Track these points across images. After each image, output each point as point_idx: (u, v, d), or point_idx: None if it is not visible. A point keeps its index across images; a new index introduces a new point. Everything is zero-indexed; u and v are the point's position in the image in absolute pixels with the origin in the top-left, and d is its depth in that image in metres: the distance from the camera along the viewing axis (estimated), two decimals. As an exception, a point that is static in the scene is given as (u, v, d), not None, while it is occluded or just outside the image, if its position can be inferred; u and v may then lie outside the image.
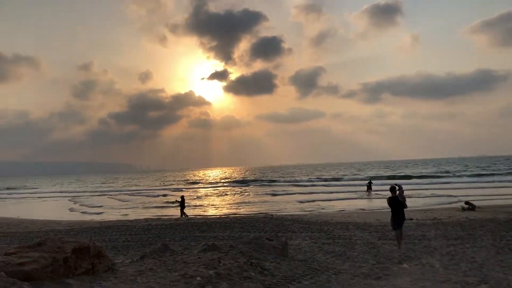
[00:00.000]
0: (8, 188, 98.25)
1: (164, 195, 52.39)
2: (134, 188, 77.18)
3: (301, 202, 35.94)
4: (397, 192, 12.52)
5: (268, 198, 42.29)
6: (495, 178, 58.25)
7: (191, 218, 24.04)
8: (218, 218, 22.68)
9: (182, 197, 28.41)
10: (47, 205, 47.40)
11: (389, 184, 13.88)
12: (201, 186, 76.89)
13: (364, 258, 11.17)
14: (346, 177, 76.23)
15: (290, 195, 44.28)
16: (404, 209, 12.44)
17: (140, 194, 59.05)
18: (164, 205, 38.70)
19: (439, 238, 14.04)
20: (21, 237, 17.75)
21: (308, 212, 26.50)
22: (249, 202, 38.11)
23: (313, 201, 36.39)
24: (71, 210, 38.26)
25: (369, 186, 42.62)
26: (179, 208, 27.62)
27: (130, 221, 23.78)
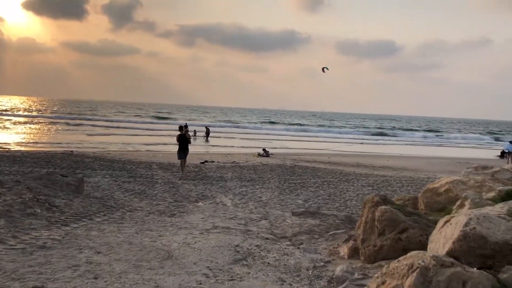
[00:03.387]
0: None
1: None
2: None
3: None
4: (184, 131, 16.64)
5: (75, 135, 38.58)
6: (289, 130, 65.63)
7: None
8: (6, 152, 20.18)
9: None
10: None
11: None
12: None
13: (163, 197, 11.45)
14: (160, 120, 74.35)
15: (101, 136, 40.52)
16: (189, 144, 16.33)
17: None
18: None
19: (234, 179, 15.30)
20: None
21: (112, 151, 25.60)
22: (48, 138, 34.48)
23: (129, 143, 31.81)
24: None
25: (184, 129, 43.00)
26: None
27: None
